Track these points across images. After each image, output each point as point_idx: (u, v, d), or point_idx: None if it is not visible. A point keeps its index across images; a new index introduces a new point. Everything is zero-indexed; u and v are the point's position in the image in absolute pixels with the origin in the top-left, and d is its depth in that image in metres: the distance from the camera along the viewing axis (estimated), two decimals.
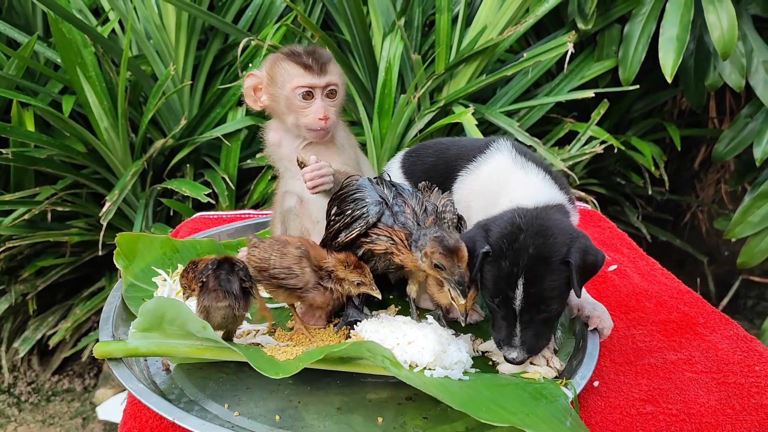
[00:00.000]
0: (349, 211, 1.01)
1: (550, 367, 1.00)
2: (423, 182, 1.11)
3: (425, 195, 1.07)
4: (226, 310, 0.95)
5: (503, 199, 1.02)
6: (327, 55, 1.17)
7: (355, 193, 1.02)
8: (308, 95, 1.15)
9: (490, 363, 1.03)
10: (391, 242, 0.98)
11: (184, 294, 1.03)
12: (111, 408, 2.06)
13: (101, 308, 2.22)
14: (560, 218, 0.98)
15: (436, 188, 1.09)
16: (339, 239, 1.03)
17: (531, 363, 1.00)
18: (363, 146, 1.89)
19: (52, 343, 2.17)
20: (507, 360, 0.97)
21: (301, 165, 1.09)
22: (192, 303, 1.02)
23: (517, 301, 0.94)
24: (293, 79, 1.15)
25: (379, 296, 1.02)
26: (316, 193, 1.10)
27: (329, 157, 1.18)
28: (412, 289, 1.07)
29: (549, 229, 0.94)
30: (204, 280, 0.97)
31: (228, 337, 1.00)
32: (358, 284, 1.01)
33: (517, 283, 0.93)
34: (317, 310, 1.07)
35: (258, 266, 1.02)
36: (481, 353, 1.05)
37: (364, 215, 0.99)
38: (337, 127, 1.21)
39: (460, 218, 1.05)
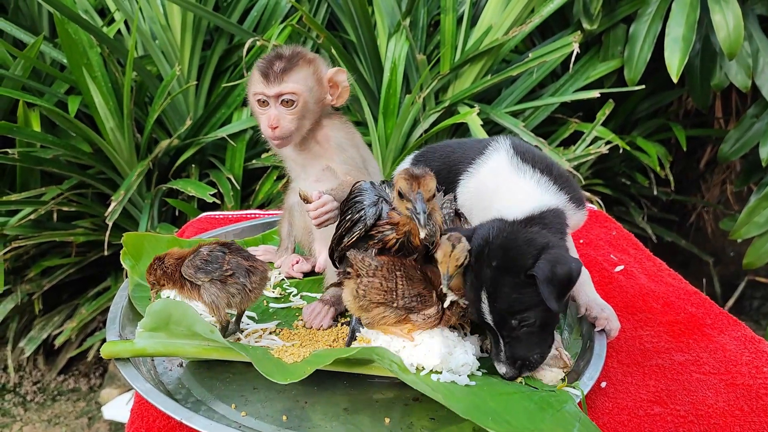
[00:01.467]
0: (349, 216, 1.01)
1: (560, 359, 1.00)
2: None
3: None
4: (242, 293, 0.99)
5: (494, 206, 1.01)
6: (294, 61, 1.12)
7: (355, 197, 1.02)
8: (264, 103, 1.14)
9: None
10: (394, 228, 0.96)
11: (152, 290, 1.02)
12: (116, 408, 2.07)
13: (107, 308, 2.23)
14: (534, 230, 0.95)
15: (440, 191, 1.08)
16: (342, 244, 1.02)
17: None
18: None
19: (57, 342, 2.17)
20: (500, 375, 0.96)
21: (305, 200, 1.07)
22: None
23: (487, 316, 0.92)
24: (251, 86, 1.16)
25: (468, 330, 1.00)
26: (322, 227, 1.08)
27: (328, 158, 1.17)
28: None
29: (514, 242, 0.92)
30: (229, 269, 0.98)
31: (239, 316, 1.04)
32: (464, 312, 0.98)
33: (481, 297, 0.92)
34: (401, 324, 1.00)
35: (380, 301, 0.95)
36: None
37: (362, 218, 0.99)
38: (331, 128, 1.19)
39: (458, 212, 1.04)
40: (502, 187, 1.03)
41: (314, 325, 1.11)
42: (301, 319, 1.13)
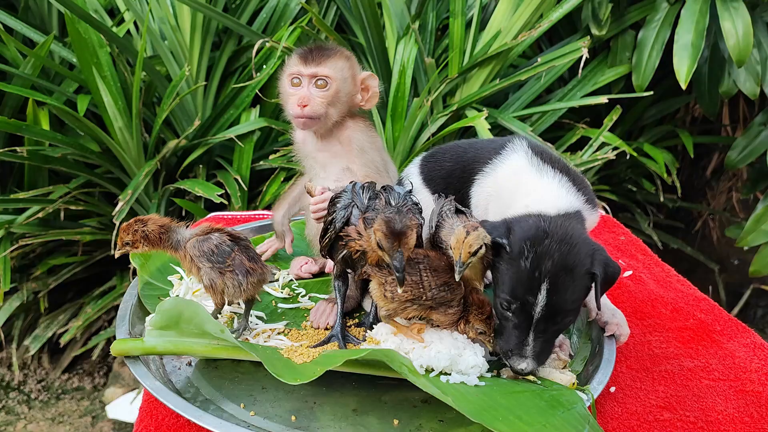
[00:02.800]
0: (326, 217, 1.03)
1: (559, 360, 1.00)
2: (437, 194, 1.11)
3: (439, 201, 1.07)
4: (235, 288, 1.01)
5: (518, 204, 1.00)
6: (333, 51, 1.17)
7: (335, 199, 1.03)
8: (297, 82, 1.16)
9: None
10: (359, 237, 0.97)
11: (123, 249, 1.02)
12: (120, 407, 2.06)
13: (112, 307, 2.23)
14: (581, 228, 0.97)
15: (450, 197, 1.08)
16: (322, 243, 1.04)
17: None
18: None
19: (62, 341, 2.17)
20: (515, 371, 0.95)
21: (309, 193, 1.10)
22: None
23: (537, 308, 0.91)
24: (287, 68, 1.18)
25: (492, 349, 0.98)
26: (320, 222, 1.09)
27: (349, 159, 1.18)
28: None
29: (573, 237, 0.92)
30: (231, 266, 1.00)
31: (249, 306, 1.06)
32: (480, 333, 0.96)
33: (540, 288, 0.90)
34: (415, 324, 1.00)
35: (409, 298, 0.94)
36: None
37: (334, 221, 1.00)
38: (354, 129, 1.20)
39: (458, 209, 1.04)
40: (526, 185, 1.03)
41: (321, 325, 1.10)
42: (309, 320, 1.12)
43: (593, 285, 0.93)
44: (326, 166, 1.21)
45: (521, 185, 1.03)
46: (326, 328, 1.09)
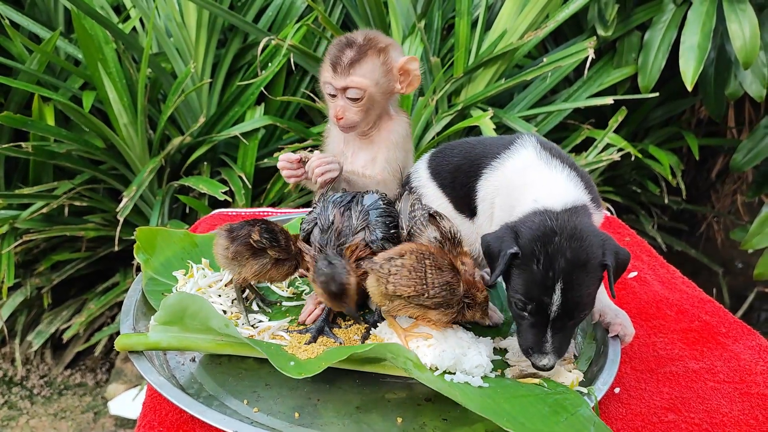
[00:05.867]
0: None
1: (566, 358, 1.00)
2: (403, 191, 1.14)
3: (399, 203, 1.09)
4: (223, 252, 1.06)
5: (527, 197, 1.00)
6: (362, 53, 1.12)
7: (311, 211, 1.09)
8: (331, 91, 1.15)
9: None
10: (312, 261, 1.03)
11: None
12: (122, 403, 2.06)
13: (115, 303, 2.23)
14: (588, 221, 0.97)
15: (405, 194, 1.11)
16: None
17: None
18: None
19: (65, 337, 2.18)
20: (537, 367, 0.95)
21: (304, 162, 1.13)
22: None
23: (553, 307, 0.91)
24: (322, 72, 1.17)
25: (488, 322, 1.00)
26: (322, 179, 1.10)
27: (379, 149, 1.18)
28: None
29: (583, 231, 0.92)
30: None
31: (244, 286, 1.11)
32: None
33: (555, 288, 0.90)
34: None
35: (411, 294, 0.93)
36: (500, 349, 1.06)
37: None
38: (399, 123, 1.19)
39: (431, 213, 1.05)
40: (535, 179, 1.02)
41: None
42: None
43: (606, 274, 0.94)
44: (358, 151, 1.21)
45: (529, 180, 1.03)
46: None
